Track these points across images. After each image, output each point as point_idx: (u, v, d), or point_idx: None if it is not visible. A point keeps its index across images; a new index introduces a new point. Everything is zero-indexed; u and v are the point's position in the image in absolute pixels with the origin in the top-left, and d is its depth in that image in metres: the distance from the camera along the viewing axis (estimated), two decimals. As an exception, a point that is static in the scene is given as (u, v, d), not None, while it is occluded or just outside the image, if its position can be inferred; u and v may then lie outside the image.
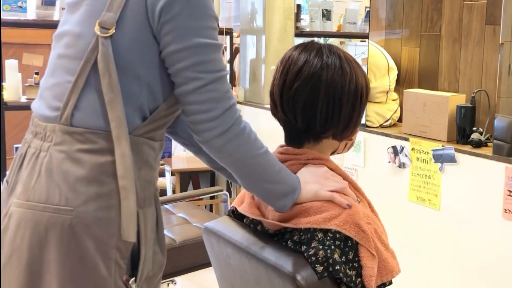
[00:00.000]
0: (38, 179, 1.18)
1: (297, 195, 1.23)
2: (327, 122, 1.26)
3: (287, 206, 1.23)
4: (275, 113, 1.33)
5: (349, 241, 1.18)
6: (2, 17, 2.97)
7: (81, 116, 1.18)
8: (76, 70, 1.18)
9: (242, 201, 1.37)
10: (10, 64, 3.10)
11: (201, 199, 3.76)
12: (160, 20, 1.16)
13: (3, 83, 3.06)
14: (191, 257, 2.44)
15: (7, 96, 3.08)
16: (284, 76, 1.27)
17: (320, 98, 1.24)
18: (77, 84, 1.18)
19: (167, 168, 3.29)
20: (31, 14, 3.17)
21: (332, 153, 1.36)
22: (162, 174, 3.58)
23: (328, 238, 1.18)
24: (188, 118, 1.19)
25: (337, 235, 1.18)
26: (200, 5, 1.17)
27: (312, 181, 1.25)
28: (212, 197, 3.79)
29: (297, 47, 1.31)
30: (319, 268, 1.16)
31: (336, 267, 1.16)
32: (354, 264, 1.18)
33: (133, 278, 1.20)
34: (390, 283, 1.24)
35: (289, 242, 1.23)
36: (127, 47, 1.17)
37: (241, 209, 1.36)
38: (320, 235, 1.19)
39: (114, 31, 1.16)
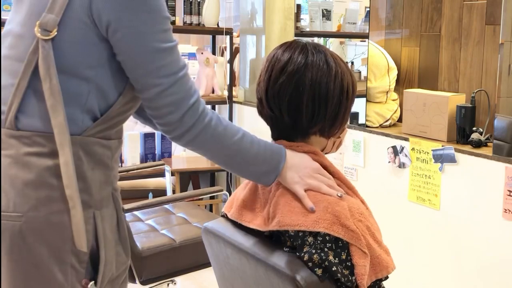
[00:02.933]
0: None
1: (280, 171, 1.26)
2: (313, 117, 1.26)
3: (270, 182, 1.27)
4: (261, 111, 1.34)
5: (340, 242, 1.19)
6: (2, 17, 2.96)
7: (27, 119, 1.14)
8: (19, 72, 1.14)
9: (231, 206, 1.38)
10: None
11: (201, 199, 3.76)
12: (109, 28, 1.13)
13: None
14: (191, 257, 2.44)
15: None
16: (269, 73, 1.29)
17: (305, 93, 1.25)
18: (19, 87, 1.13)
19: (167, 168, 3.29)
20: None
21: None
22: (162, 174, 3.58)
23: (319, 241, 1.18)
24: (154, 119, 1.20)
25: (326, 237, 1.18)
26: (151, 9, 1.14)
27: (296, 170, 1.25)
28: (212, 197, 3.79)
29: (281, 45, 1.33)
30: (319, 272, 1.16)
31: (333, 269, 1.16)
32: (347, 263, 1.18)
33: (92, 282, 1.17)
34: (386, 278, 1.24)
35: (284, 248, 1.23)
36: (71, 50, 1.13)
37: (230, 215, 1.36)
38: (310, 239, 1.20)
39: (55, 33, 1.11)
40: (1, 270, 1.15)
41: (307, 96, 1.25)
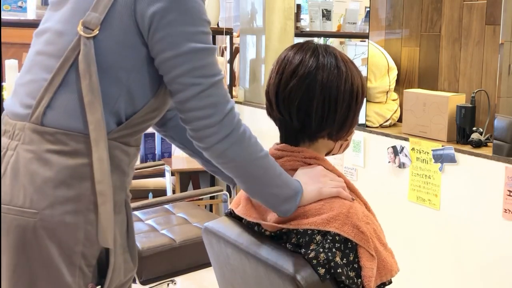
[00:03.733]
0: (2, 179, 1.14)
1: (300, 198, 1.21)
2: (322, 121, 1.25)
3: (291, 210, 1.21)
4: (270, 112, 1.32)
5: (349, 243, 1.18)
6: (2, 17, 2.96)
7: (54, 116, 1.14)
8: (54, 68, 1.14)
9: (239, 203, 1.37)
10: (10, 64, 3.10)
11: (201, 199, 3.76)
12: (151, 27, 1.13)
13: (3, 83, 3.06)
14: (191, 257, 2.44)
15: (7, 96, 3.08)
16: (279, 75, 1.27)
17: (316, 97, 1.24)
18: (53, 82, 1.14)
19: (167, 168, 3.29)
20: (31, 14, 3.16)
21: (327, 154, 1.36)
22: (162, 174, 3.58)
23: (328, 240, 1.18)
24: (188, 125, 1.16)
25: (336, 237, 1.18)
26: (192, 11, 1.15)
27: (312, 181, 1.23)
28: (212, 197, 3.79)
29: (292, 47, 1.31)
30: (321, 271, 1.16)
31: (338, 270, 1.16)
32: (354, 265, 1.18)
33: (99, 287, 1.17)
34: (390, 282, 1.24)
35: (287, 245, 1.23)
36: (110, 50, 1.14)
37: (238, 211, 1.36)
38: (318, 237, 1.19)
39: (98, 32, 1.12)
40: (2, 264, 1.15)
41: (317, 100, 1.24)
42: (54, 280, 1.14)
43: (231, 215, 1.41)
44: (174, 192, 3.55)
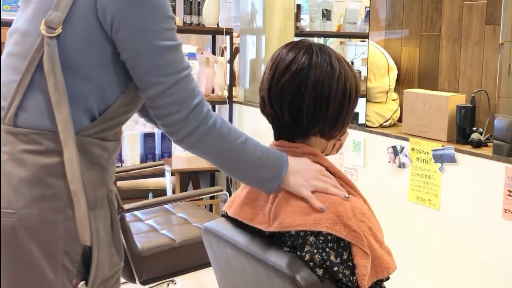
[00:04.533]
0: None
1: (283, 178, 1.24)
2: (314, 117, 1.26)
3: (272, 189, 1.26)
4: (263, 108, 1.33)
5: (342, 242, 1.18)
6: (2, 17, 2.96)
7: (26, 117, 1.14)
8: (21, 69, 1.15)
9: (232, 204, 1.38)
10: (10, 64, 3.11)
11: (201, 199, 3.76)
12: (114, 25, 1.13)
13: (3, 83, 3.06)
14: (191, 257, 2.44)
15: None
16: (272, 72, 1.28)
17: (307, 93, 1.24)
18: (22, 83, 1.14)
19: (167, 168, 3.29)
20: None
21: None
22: (162, 174, 3.58)
23: (321, 241, 1.18)
24: (157, 121, 1.19)
25: (328, 237, 1.18)
26: (154, 8, 1.14)
27: (300, 174, 1.24)
28: (212, 197, 3.79)
29: (286, 45, 1.32)
30: (320, 272, 1.16)
31: (334, 269, 1.16)
32: (349, 263, 1.18)
33: (83, 282, 1.17)
34: (387, 278, 1.24)
35: (284, 248, 1.23)
36: (75, 48, 1.14)
37: (231, 213, 1.36)
38: (311, 238, 1.19)
39: (60, 31, 1.12)
40: None
41: (308, 96, 1.24)
42: (36, 278, 1.14)
43: (226, 216, 1.41)
44: (174, 192, 3.55)
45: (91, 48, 1.15)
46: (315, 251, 1.17)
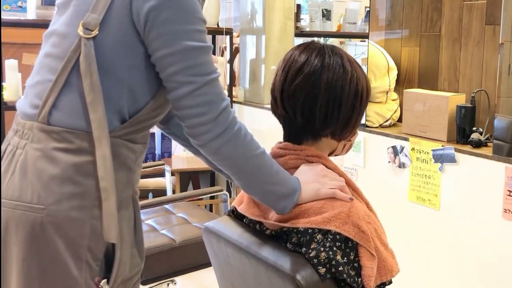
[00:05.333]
0: (12, 176, 1.19)
1: (298, 196, 1.23)
2: (326, 119, 1.26)
3: (288, 207, 1.23)
4: (275, 110, 1.33)
5: (349, 242, 1.18)
6: (2, 17, 2.96)
7: (59, 115, 1.18)
8: (58, 69, 1.19)
9: (242, 201, 1.37)
10: (10, 64, 3.10)
11: (201, 199, 3.76)
12: (147, 25, 1.15)
13: (3, 83, 3.06)
14: (191, 257, 2.44)
15: (7, 96, 3.08)
16: (285, 73, 1.28)
17: (320, 95, 1.24)
18: (57, 83, 1.18)
19: (167, 168, 3.29)
20: (31, 14, 3.16)
21: (330, 154, 1.36)
22: (162, 174, 3.58)
23: (329, 239, 1.18)
24: (183, 122, 1.19)
25: (337, 236, 1.18)
26: (186, 9, 1.17)
27: (311, 180, 1.24)
28: (212, 197, 3.79)
29: (298, 47, 1.32)
30: (322, 270, 1.16)
31: (340, 268, 1.16)
32: (355, 264, 1.18)
33: (105, 280, 1.19)
34: (390, 282, 1.24)
35: (288, 244, 1.23)
36: (110, 49, 1.17)
37: (240, 209, 1.36)
38: (319, 236, 1.19)
39: (97, 32, 1.16)
40: (13, 261, 1.18)
41: (321, 98, 1.24)
42: (61, 273, 1.16)
43: (233, 213, 1.41)
44: (174, 192, 3.55)
45: (125, 50, 1.17)
46: (321, 249, 1.17)
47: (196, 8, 1.19)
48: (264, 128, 3.50)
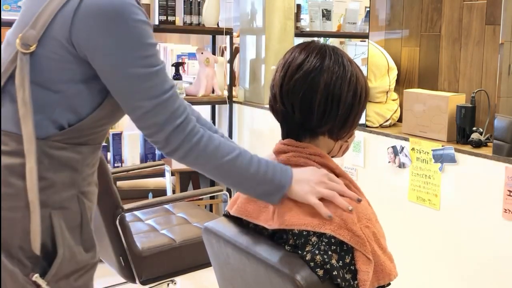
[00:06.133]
0: None
1: (285, 192, 1.25)
2: (324, 116, 1.26)
3: (275, 201, 1.26)
4: (273, 106, 1.33)
5: (345, 245, 1.18)
6: (2, 17, 2.96)
7: None
8: None
9: (235, 203, 1.38)
10: (10, 64, 3.10)
11: (201, 199, 3.76)
12: (89, 53, 1.16)
13: (3, 83, 3.06)
14: (191, 257, 2.44)
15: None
16: (285, 69, 1.29)
17: (319, 92, 1.25)
18: None
19: (167, 168, 3.29)
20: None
21: None
22: (162, 174, 3.58)
23: (324, 242, 1.18)
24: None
25: (332, 239, 1.18)
26: (131, 36, 1.16)
27: (305, 181, 1.24)
28: (212, 197, 3.79)
29: (298, 46, 1.33)
30: (320, 272, 1.16)
31: (334, 273, 1.16)
32: (351, 267, 1.18)
33: (37, 275, 1.20)
34: (388, 284, 1.24)
35: (286, 246, 1.23)
36: (47, 65, 1.17)
37: (233, 211, 1.36)
38: (314, 239, 1.19)
39: (35, 48, 1.16)
40: None
41: (320, 95, 1.25)
42: (3, 270, 1.19)
43: (228, 216, 1.41)
44: (174, 192, 3.55)
45: (63, 67, 1.18)
46: (316, 252, 1.17)
47: (143, 33, 1.17)
48: (264, 128, 3.50)
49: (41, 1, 1.18)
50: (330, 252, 1.17)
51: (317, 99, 1.25)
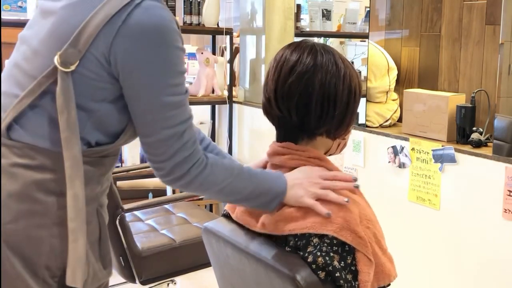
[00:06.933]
0: None
1: (281, 199, 1.25)
2: (321, 117, 1.25)
3: (272, 209, 1.26)
4: (268, 111, 1.31)
5: (346, 246, 1.18)
6: (2, 17, 2.96)
7: (22, 133, 1.14)
8: (25, 87, 1.15)
9: (235, 206, 1.37)
10: (10, 64, 3.10)
11: (201, 199, 3.76)
12: (123, 73, 1.13)
13: (3, 83, 3.05)
14: (191, 257, 2.44)
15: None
16: (278, 73, 1.27)
17: (315, 93, 1.23)
18: (22, 102, 1.14)
19: (167, 168, 3.28)
20: (31, 14, 3.16)
21: (325, 154, 1.36)
22: (162, 174, 3.57)
23: (325, 244, 1.18)
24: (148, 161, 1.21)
25: (334, 240, 1.18)
26: (163, 63, 1.13)
27: (299, 184, 1.24)
28: (212, 197, 3.78)
29: (289, 46, 1.31)
30: (322, 274, 1.15)
31: (336, 274, 1.15)
32: (352, 267, 1.18)
33: None
34: (388, 285, 1.24)
35: (286, 248, 1.23)
36: (84, 83, 1.13)
37: (234, 216, 1.36)
38: (315, 240, 1.19)
39: (75, 67, 1.12)
40: None
41: (316, 96, 1.24)
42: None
43: (227, 216, 1.41)
44: (174, 192, 3.55)
45: (98, 85, 1.14)
46: (318, 253, 1.17)
47: (177, 61, 1.15)
48: (264, 128, 3.50)
49: (80, 13, 1.13)
50: (332, 253, 1.17)
51: (314, 100, 1.24)
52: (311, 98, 1.24)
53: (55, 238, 1.14)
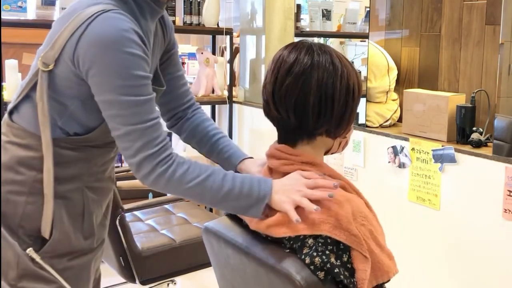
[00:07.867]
0: None
1: (264, 204, 1.27)
2: (320, 118, 1.25)
3: (258, 215, 1.28)
4: (268, 112, 1.32)
5: (341, 244, 1.18)
6: (2, 17, 2.96)
7: (18, 117, 1.41)
8: (27, 80, 1.41)
9: None
10: (10, 64, 3.10)
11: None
12: (87, 72, 1.29)
13: (3, 83, 3.06)
14: (191, 257, 2.44)
15: (7, 96, 3.08)
16: (275, 74, 1.27)
17: (312, 94, 1.24)
18: (22, 92, 1.41)
19: (167, 168, 3.28)
20: (31, 14, 3.16)
21: (326, 153, 1.36)
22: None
23: (320, 244, 1.18)
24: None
25: (328, 240, 1.18)
26: (120, 66, 1.27)
27: (282, 191, 1.27)
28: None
29: (286, 46, 1.31)
30: (321, 275, 1.16)
31: (335, 271, 1.16)
32: (348, 265, 1.18)
33: (31, 248, 1.37)
34: (388, 281, 1.24)
35: (285, 249, 1.23)
36: (60, 82, 1.35)
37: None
38: (310, 240, 1.19)
39: (52, 67, 1.34)
40: None
41: (313, 97, 1.24)
42: (3, 239, 1.38)
43: (230, 216, 1.41)
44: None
45: (70, 85, 1.34)
46: (314, 254, 1.17)
47: (130, 64, 1.27)
48: (264, 128, 3.50)
49: (60, 25, 1.34)
50: (327, 252, 1.17)
51: (311, 101, 1.24)
52: (309, 99, 1.24)
53: (30, 205, 1.38)
